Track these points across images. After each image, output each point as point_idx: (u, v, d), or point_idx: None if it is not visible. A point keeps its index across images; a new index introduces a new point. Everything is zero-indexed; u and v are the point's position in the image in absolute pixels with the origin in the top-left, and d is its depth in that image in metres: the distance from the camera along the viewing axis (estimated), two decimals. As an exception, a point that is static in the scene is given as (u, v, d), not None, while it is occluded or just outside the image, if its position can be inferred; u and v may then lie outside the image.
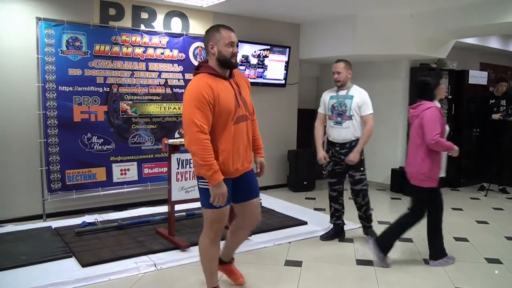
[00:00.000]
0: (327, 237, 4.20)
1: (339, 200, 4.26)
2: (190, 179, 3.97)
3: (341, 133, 4.02)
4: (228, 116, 2.54)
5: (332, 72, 4.20)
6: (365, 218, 4.19)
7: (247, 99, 2.72)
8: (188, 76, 5.41)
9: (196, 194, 4.06)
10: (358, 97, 4.09)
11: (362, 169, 4.04)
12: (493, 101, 6.32)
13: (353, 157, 3.93)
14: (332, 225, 4.29)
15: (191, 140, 2.47)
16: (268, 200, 5.56)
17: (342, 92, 4.17)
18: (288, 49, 6.23)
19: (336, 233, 4.24)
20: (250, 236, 4.09)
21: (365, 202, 4.12)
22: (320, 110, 4.28)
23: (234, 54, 2.56)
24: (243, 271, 3.38)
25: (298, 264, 3.56)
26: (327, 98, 4.25)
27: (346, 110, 4.05)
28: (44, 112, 4.51)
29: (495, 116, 6.19)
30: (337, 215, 4.28)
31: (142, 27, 5.12)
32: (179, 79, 5.36)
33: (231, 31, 2.58)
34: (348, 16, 5.80)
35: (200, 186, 2.62)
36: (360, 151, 3.97)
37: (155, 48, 5.16)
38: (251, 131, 2.80)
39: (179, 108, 5.36)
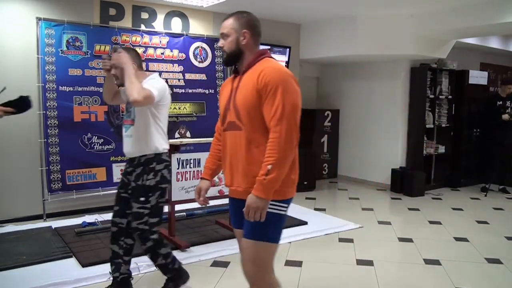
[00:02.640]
0: None
1: (119, 240, 2.82)
2: (190, 179, 3.97)
3: (127, 144, 2.73)
4: (221, 119, 2.12)
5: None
6: (159, 266, 2.82)
7: (242, 102, 1.95)
8: (188, 76, 5.41)
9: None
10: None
11: (143, 199, 2.63)
12: (500, 102, 6.33)
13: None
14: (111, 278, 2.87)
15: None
16: (268, 200, 5.55)
17: None
18: (288, 49, 6.23)
19: None
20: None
21: (148, 248, 2.71)
22: None
23: (220, 48, 2.11)
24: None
25: (298, 264, 3.56)
26: None
27: (130, 112, 2.70)
28: (44, 112, 4.51)
29: (505, 117, 6.18)
30: (116, 263, 2.83)
31: (142, 27, 5.12)
32: (179, 79, 5.36)
33: (223, 21, 2.17)
34: (348, 16, 5.80)
35: (276, 211, 1.93)
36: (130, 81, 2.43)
37: (155, 48, 5.16)
38: (251, 147, 1.95)
39: (179, 108, 5.36)
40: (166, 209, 4.15)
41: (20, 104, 2.79)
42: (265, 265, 2.03)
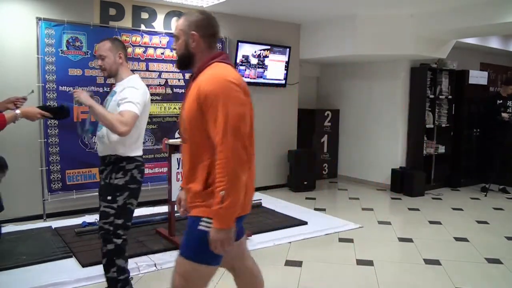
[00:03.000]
0: None
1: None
2: (190, 179, 3.96)
3: (99, 143, 2.67)
4: None
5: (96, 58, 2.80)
6: (108, 278, 2.62)
7: (186, 113, 1.81)
8: (188, 76, 5.41)
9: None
10: (121, 92, 2.53)
11: (109, 197, 2.54)
12: (501, 101, 6.34)
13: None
14: None
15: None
16: (268, 200, 5.56)
17: (115, 88, 2.68)
18: (288, 49, 6.23)
19: None
20: (251, 236, 4.09)
21: (108, 252, 2.56)
22: None
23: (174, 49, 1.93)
24: (243, 271, 3.38)
25: (298, 264, 3.56)
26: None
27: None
28: (44, 112, 4.51)
29: (505, 115, 6.20)
30: None
31: (142, 27, 5.12)
32: (179, 79, 5.36)
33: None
34: (348, 16, 5.80)
35: (202, 227, 1.74)
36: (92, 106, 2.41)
37: (155, 48, 5.16)
38: (194, 163, 1.81)
39: (179, 108, 5.35)
40: (166, 209, 4.14)
41: (60, 112, 2.79)
42: (193, 285, 1.81)
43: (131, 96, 2.46)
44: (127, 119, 2.37)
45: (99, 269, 3.26)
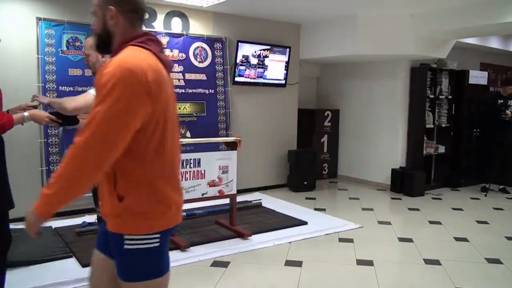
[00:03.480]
0: None
1: None
2: (190, 179, 3.97)
3: None
4: None
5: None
6: None
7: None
8: (188, 76, 5.42)
9: (196, 194, 4.12)
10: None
11: None
12: (502, 101, 6.35)
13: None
14: None
15: None
16: (268, 200, 5.56)
17: None
18: (288, 49, 6.23)
19: None
20: (251, 236, 4.09)
21: None
22: None
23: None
24: (243, 271, 3.38)
25: (298, 264, 3.56)
26: None
27: None
28: (44, 112, 4.51)
29: (509, 113, 6.20)
30: None
31: (142, 27, 5.11)
32: (179, 79, 5.36)
33: None
34: (348, 16, 5.80)
35: (144, 245, 1.52)
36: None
37: (155, 48, 5.15)
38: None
39: (179, 108, 5.35)
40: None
41: (70, 118, 2.80)
42: None
43: None
44: (77, 99, 2.48)
45: (99, 269, 3.27)
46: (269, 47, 6.04)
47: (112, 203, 1.50)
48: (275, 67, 6.18)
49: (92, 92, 2.49)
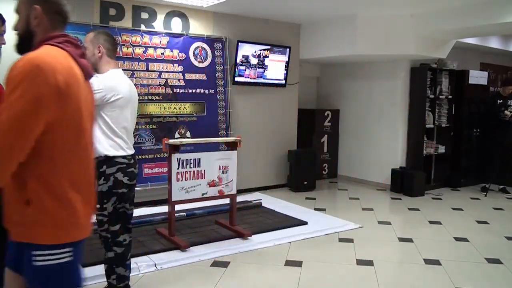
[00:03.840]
0: None
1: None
2: (190, 179, 3.97)
3: None
4: None
5: None
6: (109, 284, 2.68)
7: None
8: (188, 76, 5.41)
9: (197, 194, 4.12)
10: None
11: (98, 205, 2.50)
12: (501, 101, 6.35)
13: None
14: None
15: None
16: (268, 200, 5.56)
17: None
18: (288, 49, 6.23)
19: None
20: (250, 236, 4.09)
21: (107, 259, 2.61)
22: None
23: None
24: (243, 271, 3.38)
25: (298, 264, 3.56)
26: None
27: None
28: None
29: (508, 113, 6.21)
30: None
31: (143, 27, 5.12)
32: (179, 79, 5.36)
33: None
34: (348, 16, 5.81)
35: (51, 261, 1.43)
36: None
37: (155, 48, 5.16)
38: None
39: (179, 108, 5.36)
40: (166, 209, 4.14)
41: None
42: None
43: (96, 81, 2.35)
44: None
45: (99, 269, 3.26)
46: (269, 47, 6.04)
47: (17, 209, 1.39)
48: (275, 67, 6.18)
49: None
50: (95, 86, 2.30)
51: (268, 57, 6.05)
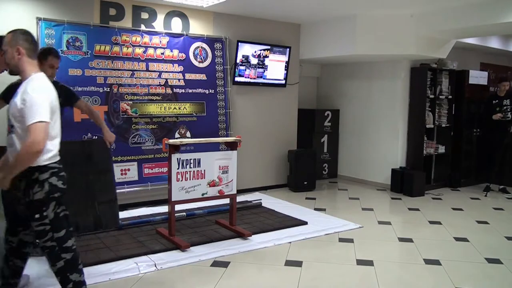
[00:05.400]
0: None
1: (9, 260, 2.58)
2: (190, 179, 3.97)
3: (9, 152, 2.41)
4: None
5: None
6: None
7: None
8: (188, 76, 5.42)
9: (197, 194, 4.12)
10: (23, 93, 2.26)
11: (38, 216, 2.32)
12: (496, 101, 6.35)
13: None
14: None
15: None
16: (268, 200, 5.56)
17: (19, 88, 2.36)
18: (288, 49, 6.23)
19: None
20: (251, 236, 4.10)
21: (58, 270, 2.41)
22: None
23: None
24: (243, 271, 3.38)
25: (298, 264, 3.56)
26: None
27: (10, 118, 2.40)
28: (44, 112, 4.50)
29: (495, 117, 6.23)
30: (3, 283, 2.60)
31: (143, 27, 5.12)
32: (179, 79, 5.36)
33: None
34: (348, 16, 5.81)
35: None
36: (11, 177, 2.27)
37: (155, 48, 5.16)
38: None
39: (179, 108, 5.36)
40: (166, 209, 4.14)
41: None
42: None
43: (32, 101, 2.20)
44: (35, 135, 2.15)
45: (99, 269, 3.27)
46: (269, 47, 6.04)
47: None
48: (275, 67, 6.18)
49: (40, 116, 2.19)
50: (39, 115, 2.17)
51: (268, 57, 6.05)
